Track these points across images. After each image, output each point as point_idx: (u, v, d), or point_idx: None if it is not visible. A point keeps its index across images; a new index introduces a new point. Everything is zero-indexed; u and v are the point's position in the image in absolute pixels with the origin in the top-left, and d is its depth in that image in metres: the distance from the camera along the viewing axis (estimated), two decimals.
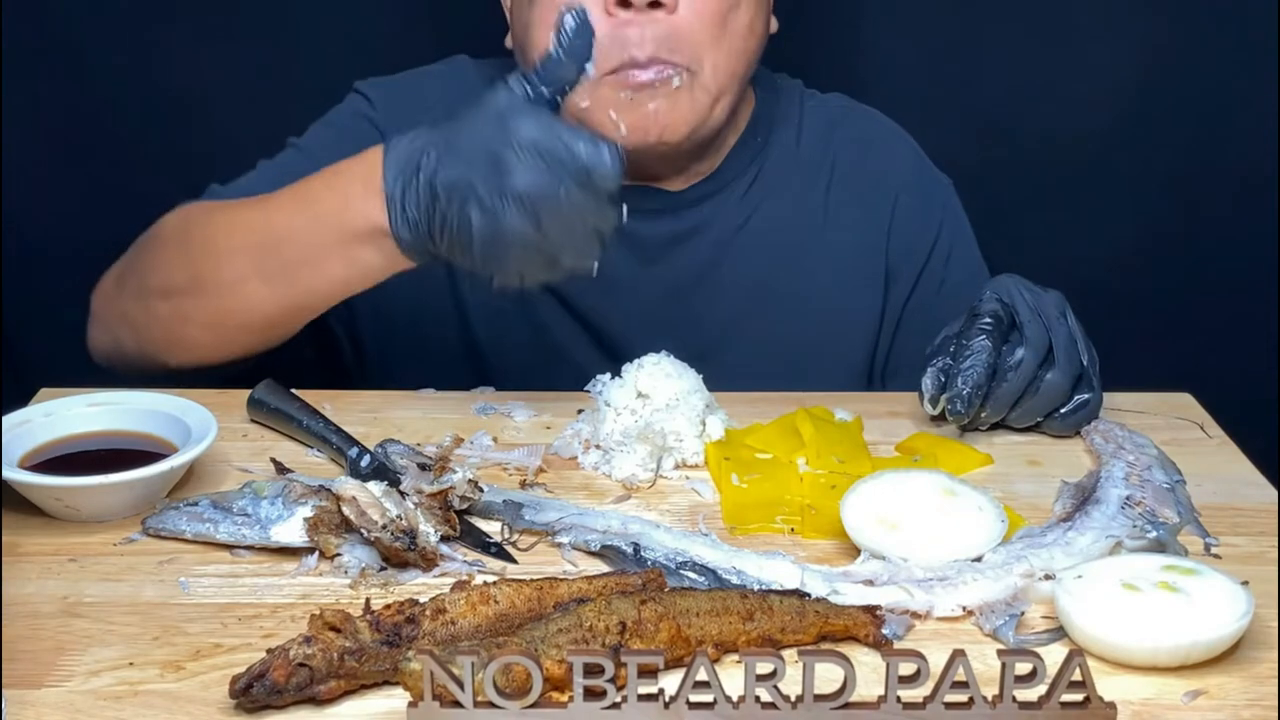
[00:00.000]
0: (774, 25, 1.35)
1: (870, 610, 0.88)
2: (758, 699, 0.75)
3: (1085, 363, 1.15)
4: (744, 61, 1.28)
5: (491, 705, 0.75)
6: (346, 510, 0.96)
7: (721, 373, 1.21)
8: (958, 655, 0.75)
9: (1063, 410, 1.15)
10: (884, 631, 0.88)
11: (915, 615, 0.90)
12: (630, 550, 0.96)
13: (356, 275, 1.12)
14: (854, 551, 0.97)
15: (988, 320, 1.13)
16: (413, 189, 1.04)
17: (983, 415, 1.14)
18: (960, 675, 0.75)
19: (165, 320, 1.20)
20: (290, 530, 0.98)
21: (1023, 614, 0.89)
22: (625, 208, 1.05)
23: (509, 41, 1.34)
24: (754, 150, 1.38)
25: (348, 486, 0.98)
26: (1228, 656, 0.85)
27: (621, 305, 1.35)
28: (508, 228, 1.01)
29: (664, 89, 1.23)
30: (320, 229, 1.10)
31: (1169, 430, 1.17)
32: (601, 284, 1.14)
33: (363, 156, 1.09)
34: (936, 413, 1.15)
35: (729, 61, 1.26)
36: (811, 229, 1.39)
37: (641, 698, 0.76)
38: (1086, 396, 1.15)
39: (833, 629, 0.87)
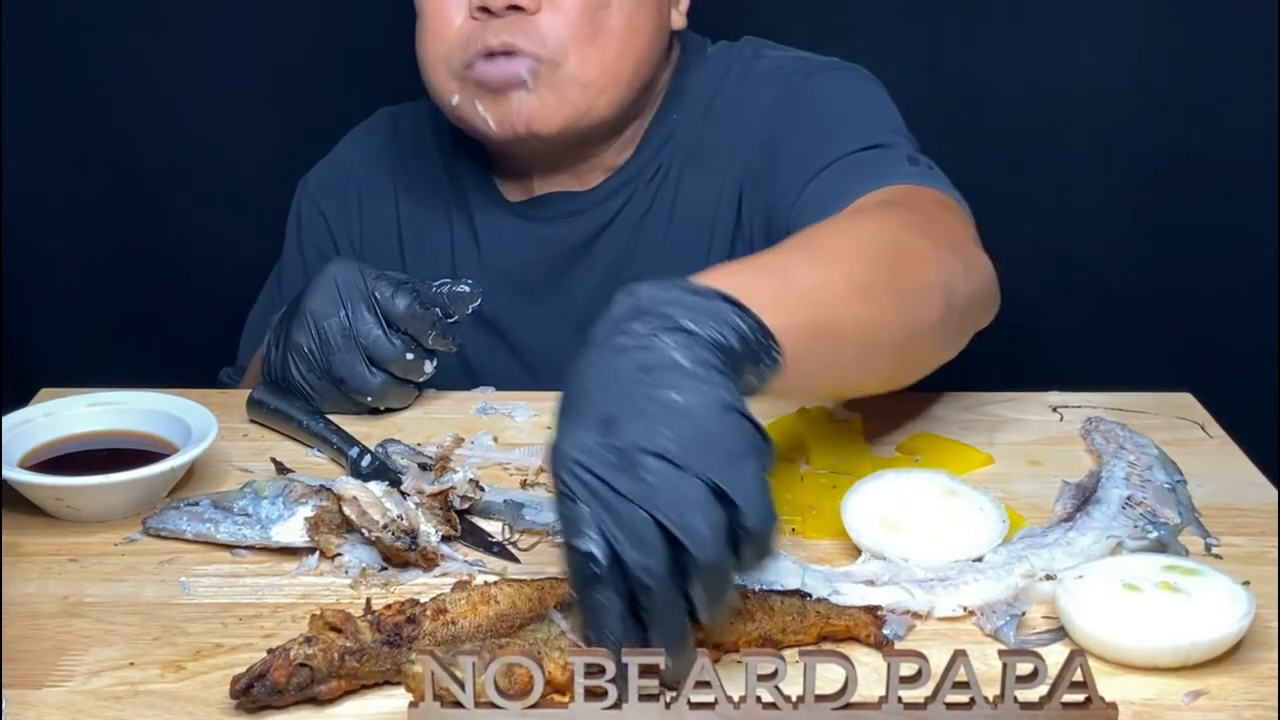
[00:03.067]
0: (679, 22, 1.35)
1: (871, 611, 0.88)
2: (759, 699, 0.75)
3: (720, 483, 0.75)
4: (623, 59, 1.28)
5: (492, 706, 0.75)
6: (347, 510, 0.96)
7: None
8: (959, 655, 0.75)
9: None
10: (885, 632, 0.88)
11: (916, 615, 0.90)
12: None
13: None
14: (855, 551, 0.97)
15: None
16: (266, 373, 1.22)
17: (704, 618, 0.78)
18: (961, 675, 0.75)
19: None
20: (291, 530, 0.98)
21: (1024, 614, 0.89)
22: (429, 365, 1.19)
23: None
24: (668, 129, 1.36)
25: (348, 486, 0.98)
26: (1229, 657, 0.85)
27: (541, 315, 1.36)
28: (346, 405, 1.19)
29: (518, 82, 1.24)
30: None
31: (1170, 430, 1.17)
32: (518, 297, 1.17)
33: None
34: None
35: (605, 59, 1.26)
36: (723, 199, 1.33)
37: (642, 698, 0.75)
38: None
39: (834, 629, 0.87)
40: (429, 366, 1.19)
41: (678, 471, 0.73)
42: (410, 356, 1.17)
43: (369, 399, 1.18)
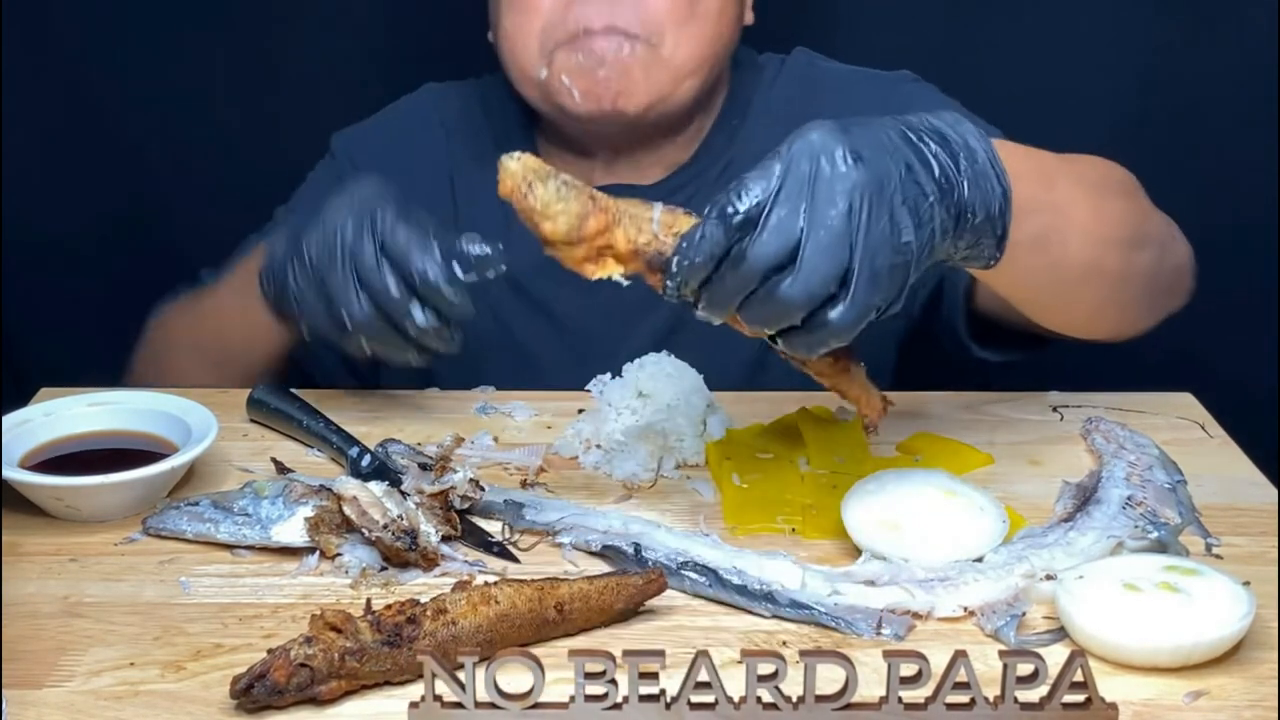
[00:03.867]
0: (749, 18, 1.35)
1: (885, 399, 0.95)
2: (759, 699, 0.75)
3: (857, 269, 0.84)
4: (712, 44, 1.28)
5: (493, 706, 0.75)
6: (347, 510, 0.96)
7: (703, 357, 1.20)
8: (959, 656, 0.75)
9: (799, 328, 0.87)
10: (885, 632, 0.88)
11: (916, 616, 0.90)
12: (631, 550, 0.96)
13: (272, 347, 1.26)
14: (855, 551, 0.97)
15: (738, 191, 0.86)
16: (268, 285, 1.19)
17: (700, 308, 0.89)
18: (962, 676, 0.75)
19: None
20: (291, 530, 0.98)
21: (1024, 614, 0.89)
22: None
23: (491, 36, 1.35)
24: (729, 133, 1.37)
25: (349, 486, 0.98)
26: (1229, 657, 0.85)
27: (595, 303, 1.35)
28: (327, 339, 1.15)
29: (615, 58, 1.23)
30: (235, 320, 1.27)
31: (1170, 430, 1.17)
32: (572, 283, 1.15)
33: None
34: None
35: (694, 42, 1.26)
36: None
37: (643, 698, 0.76)
38: (832, 316, 0.85)
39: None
40: (418, 315, 1.09)
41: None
42: (396, 294, 1.09)
43: (351, 332, 1.11)
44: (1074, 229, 1.01)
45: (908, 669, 0.75)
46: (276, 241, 1.19)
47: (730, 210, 0.85)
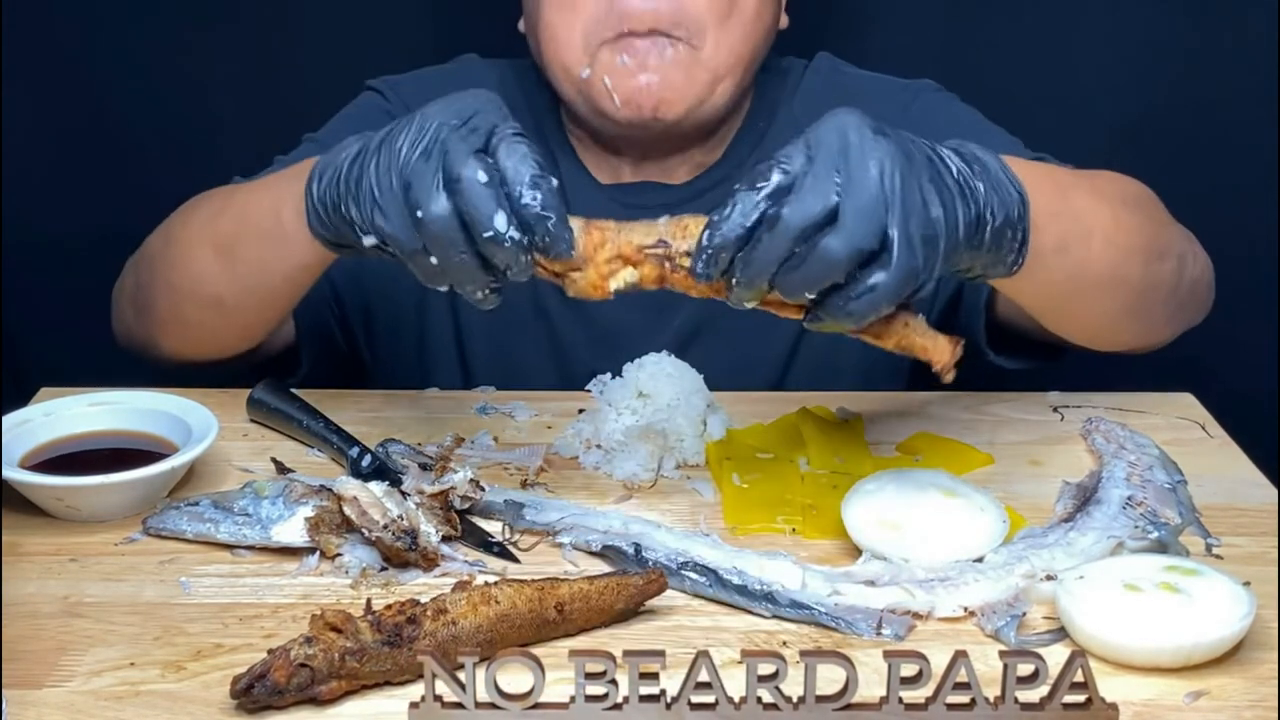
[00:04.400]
0: (784, 21, 1.35)
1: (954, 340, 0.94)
2: (759, 699, 0.75)
3: (895, 233, 0.85)
4: (750, 46, 1.28)
5: (493, 706, 0.75)
6: (347, 510, 0.96)
7: (720, 361, 1.20)
8: (960, 656, 0.75)
9: (844, 290, 0.86)
10: (885, 632, 0.88)
11: (917, 616, 0.90)
12: (631, 550, 0.96)
13: (290, 259, 1.09)
14: (855, 552, 0.97)
15: (768, 166, 0.87)
16: (328, 177, 1.00)
17: (735, 283, 0.88)
18: (962, 676, 0.75)
19: (140, 294, 1.23)
20: (291, 530, 0.98)
21: (1024, 615, 0.89)
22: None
23: (521, 26, 1.34)
24: (756, 136, 1.37)
25: (349, 486, 0.98)
26: (1229, 657, 0.85)
27: (623, 297, 1.34)
28: (395, 239, 0.94)
29: (658, 59, 1.23)
30: (264, 211, 1.10)
31: (1170, 430, 1.17)
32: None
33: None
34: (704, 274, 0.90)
35: (734, 43, 1.26)
36: None
37: (643, 698, 0.76)
38: (876, 280, 0.85)
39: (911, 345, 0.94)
40: (501, 221, 0.89)
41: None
42: (486, 183, 0.90)
43: (419, 234, 0.92)
44: (1094, 237, 1.02)
45: (908, 669, 0.75)
46: (336, 150, 1.02)
47: (761, 183, 0.86)
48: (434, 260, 0.92)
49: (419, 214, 0.91)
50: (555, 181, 0.92)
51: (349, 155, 0.99)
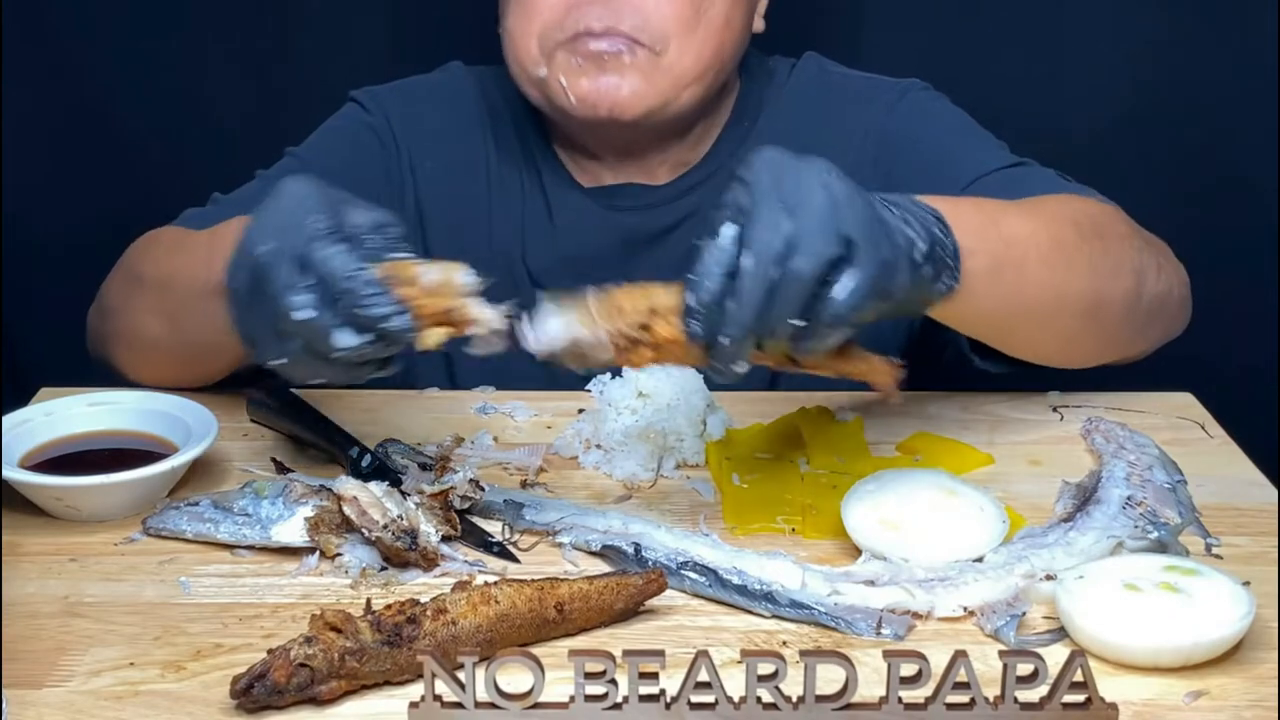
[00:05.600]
0: (760, 25, 1.34)
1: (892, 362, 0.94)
2: (759, 699, 0.75)
3: (853, 232, 0.86)
4: (717, 53, 1.27)
5: (493, 706, 0.75)
6: (347, 510, 0.96)
7: None
8: (959, 656, 0.75)
9: (825, 301, 0.86)
10: (885, 632, 0.88)
11: (916, 615, 0.90)
12: (631, 550, 0.96)
13: (215, 329, 1.00)
14: (855, 551, 0.97)
15: (716, 218, 0.88)
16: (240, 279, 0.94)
17: (722, 338, 0.86)
18: (962, 676, 0.75)
19: (103, 344, 1.26)
20: (291, 530, 0.98)
21: (1024, 614, 0.89)
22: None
23: (499, 30, 1.34)
24: (740, 135, 1.36)
25: (349, 486, 0.98)
26: (1229, 657, 0.85)
27: None
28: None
29: (614, 62, 1.23)
30: (196, 281, 1.08)
31: (1170, 430, 1.17)
32: (584, 280, 1.14)
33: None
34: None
35: (700, 50, 1.25)
36: None
37: (643, 698, 0.76)
38: (851, 278, 0.86)
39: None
40: (349, 340, 0.88)
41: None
42: (320, 334, 0.88)
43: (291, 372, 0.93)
44: (1030, 260, 1.03)
45: (908, 669, 0.75)
46: (249, 240, 0.94)
47: (720, 230, 0.87)
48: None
49: (281, 361, 0.91)
50: (373, 271, 0.88)
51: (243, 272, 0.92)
